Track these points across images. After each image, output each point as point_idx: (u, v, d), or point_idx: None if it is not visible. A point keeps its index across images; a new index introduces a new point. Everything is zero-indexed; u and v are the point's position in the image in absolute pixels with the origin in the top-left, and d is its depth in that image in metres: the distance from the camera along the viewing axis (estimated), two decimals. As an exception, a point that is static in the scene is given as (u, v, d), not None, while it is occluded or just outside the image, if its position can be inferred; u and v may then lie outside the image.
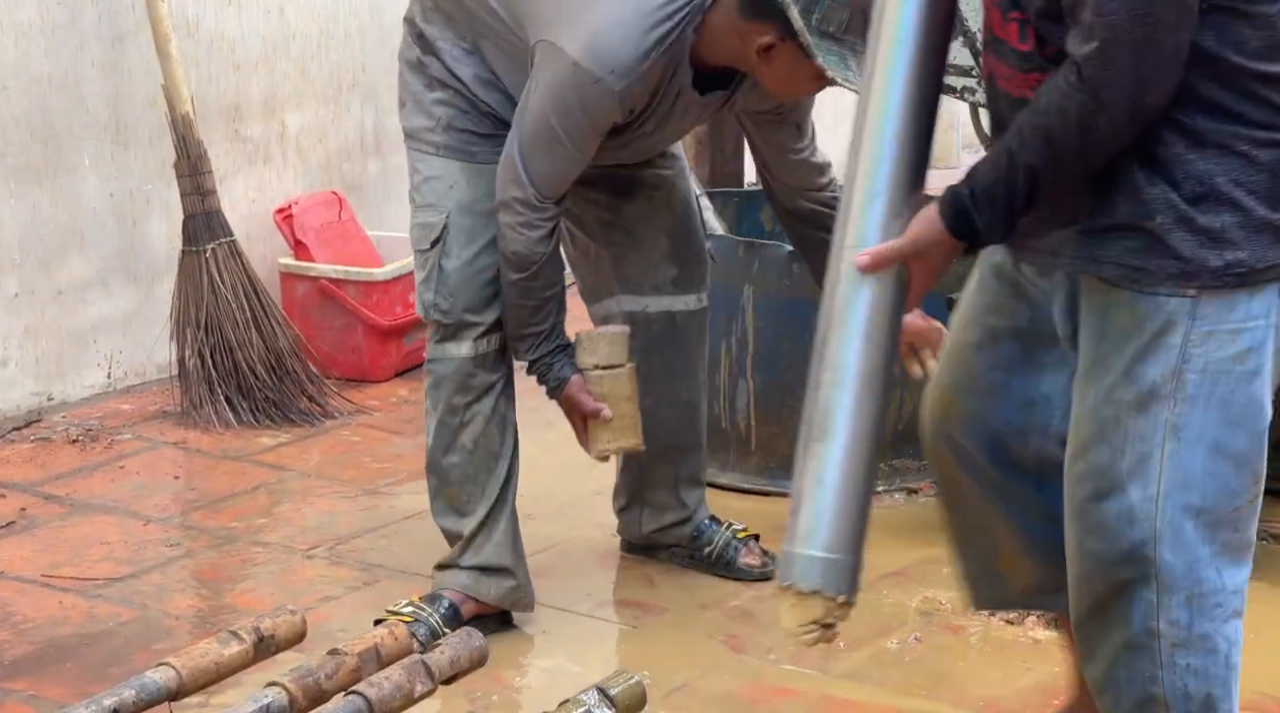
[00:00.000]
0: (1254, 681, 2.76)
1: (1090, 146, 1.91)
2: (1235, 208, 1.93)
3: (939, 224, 1.98)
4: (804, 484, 2.00)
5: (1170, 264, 1.93)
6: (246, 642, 2.30)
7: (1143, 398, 1.97)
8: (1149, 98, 1.87)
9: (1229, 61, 1.90)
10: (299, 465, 3.82)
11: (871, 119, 2.06)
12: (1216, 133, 1.92)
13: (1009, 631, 2.99)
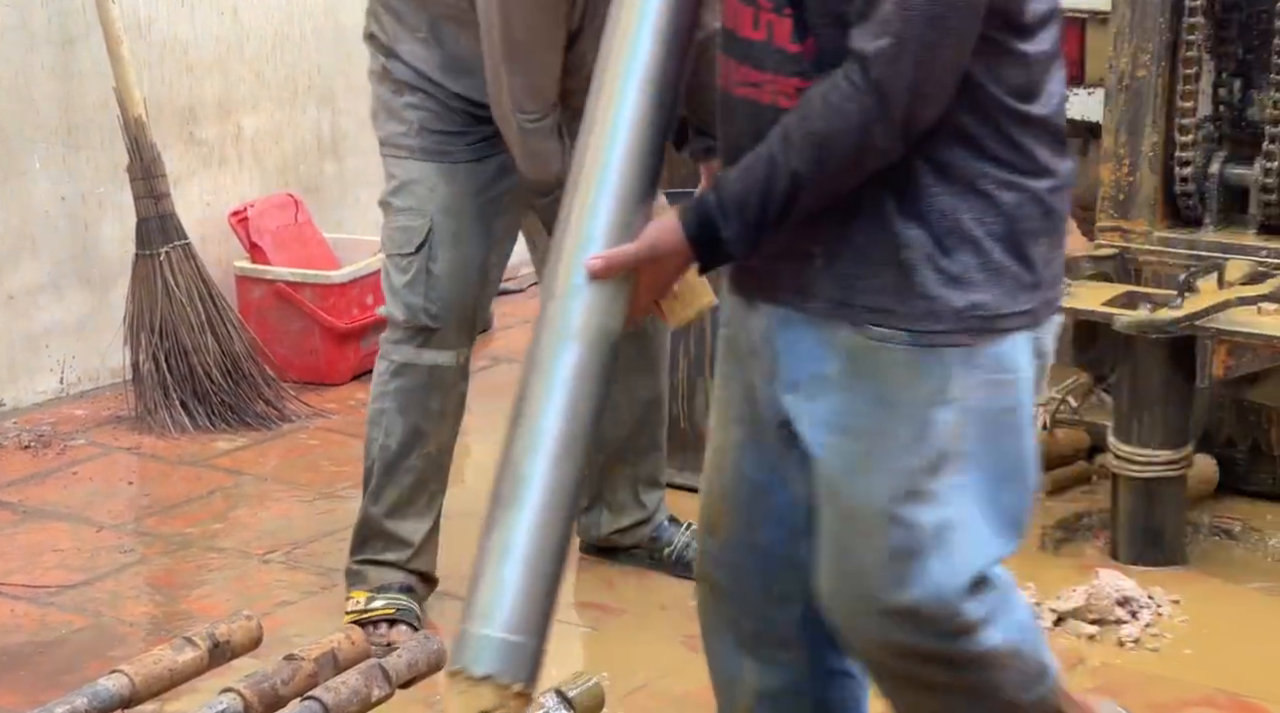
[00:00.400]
0: (1207, 675, 2.79)
1: (864, 156, 1.75)
2: (976, 249, 1.80)
3: (679, 232, 1.78)
4: (486, 557, 1.77)
5: (919, 304, 1.79)
6: (201, 648, 2.28)
7: (934, 461, 1.80)
8: (925, 109, 1.74)
9: (988, 92, 1.79)
10: (255, 470, 3.79)
11: (602, 115, 1.83)
12: (965, 168, 1.80)
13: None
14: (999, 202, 1.81)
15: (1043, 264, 1.84)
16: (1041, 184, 1.84)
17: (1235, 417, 3.52)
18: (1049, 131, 1.84)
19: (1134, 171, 3.49)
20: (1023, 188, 1.82)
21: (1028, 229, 1.82)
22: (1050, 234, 1.86)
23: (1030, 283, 1.83)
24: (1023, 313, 1.83)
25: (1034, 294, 1.83)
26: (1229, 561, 3.29)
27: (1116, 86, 3.46)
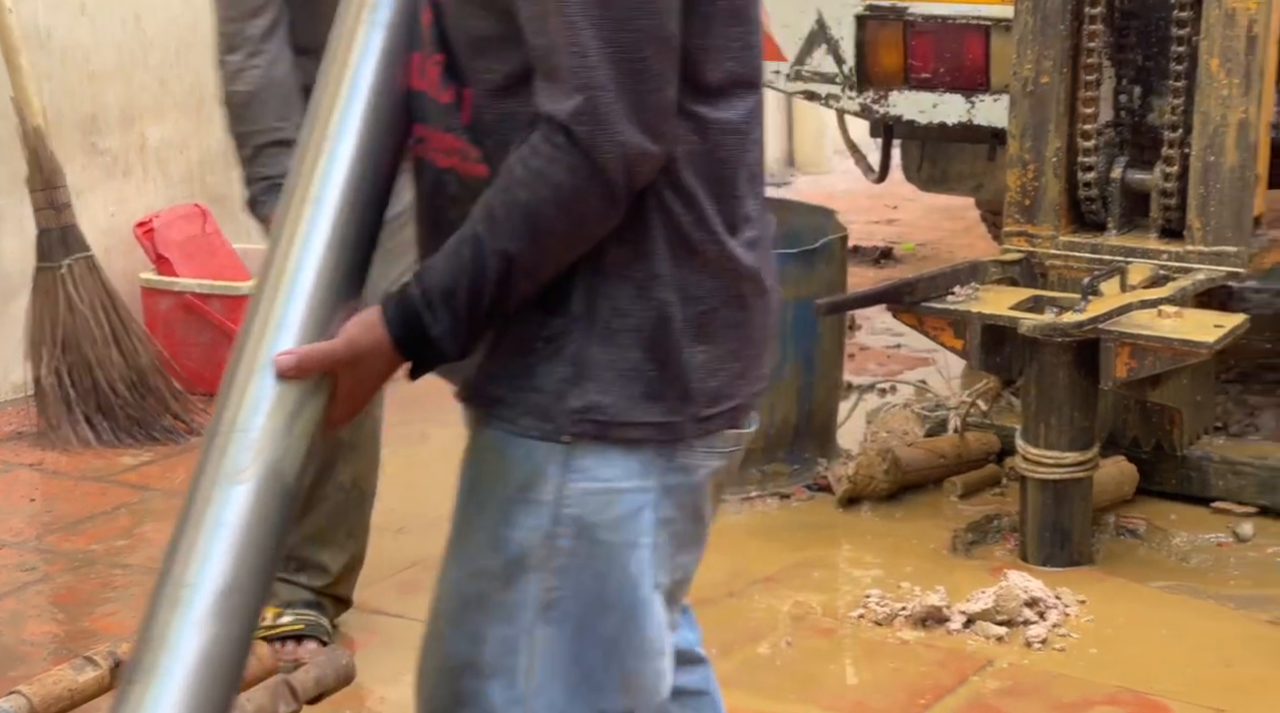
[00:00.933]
0: (1111, 674, 2.83)
1: (582, 226, 1.52)
2: (610, 344, 1.55)
3: (380, 330, 1.55)
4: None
5: (530, 397, 1.56)
6: (103, 667, 2.25)
7: (510, 568, 1.56)
8: (643, 164, 1.50)
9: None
10: (163, 485, 3.73)
11: (298, 201, 1.59)
12: (616, 252, 1.55)
13: (877, 632, 3.02)
14: (650, 294, 1.55)
15: (700, 374, 1.56)
16: (711, 281, 1.57)
17: (1140, 418, 3.57)
18: (728, 219, 1.57)
19: (1039, 177, 3.53)
20: (683, 283, 1.56)
21: (683, 330, 1.56)
22: (718, 341, 1.57)
23: (674, 393, 1.56)
24: (655, 425, 1.55)
25: (677, 406, 1.56)
26: (1134, 560, 3.34)
27: (1020, 93, 3.51)
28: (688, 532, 1.61)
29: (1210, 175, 3.34)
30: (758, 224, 1.62)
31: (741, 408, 1.62)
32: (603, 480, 1.56)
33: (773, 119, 7.05)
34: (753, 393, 1.64)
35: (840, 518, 3.57)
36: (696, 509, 1.62)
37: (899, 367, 4.55)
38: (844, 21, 3.93)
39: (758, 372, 1.65)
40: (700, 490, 1.61)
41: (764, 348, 1.65)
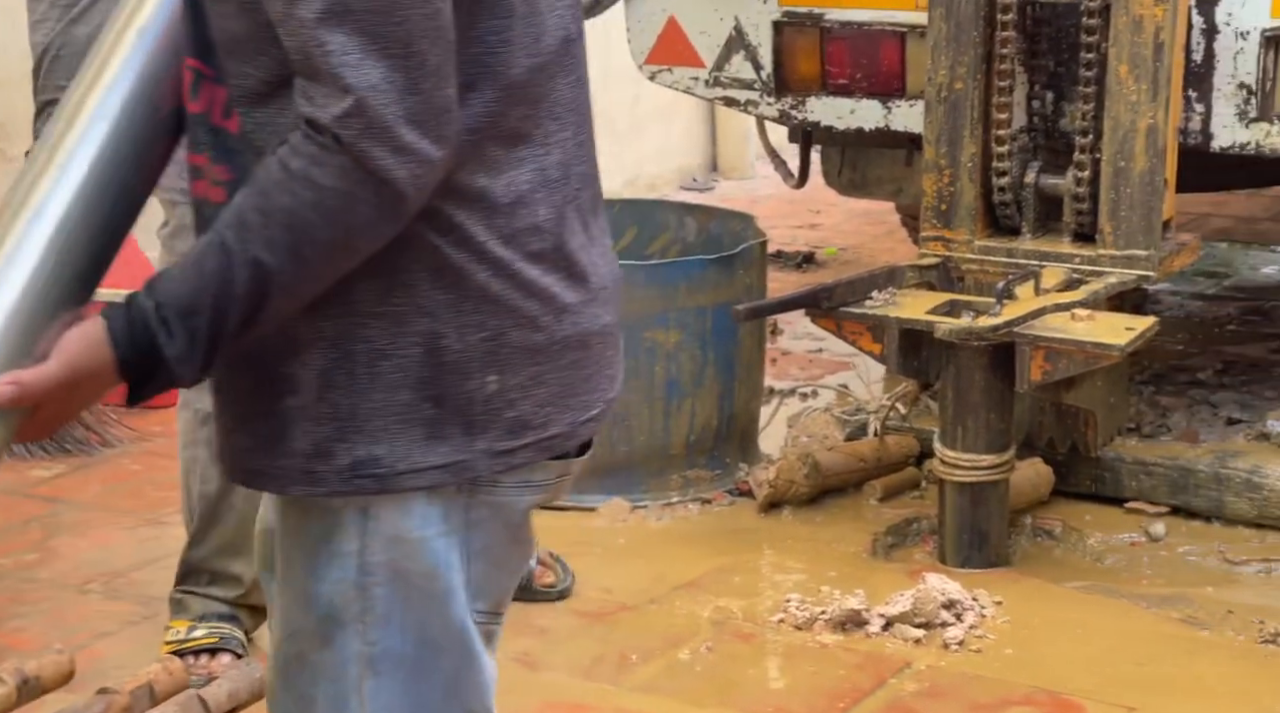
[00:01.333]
0: (1027, 674, 2.86)
1: (351, 238, 1.35)
2: (374, 388, 1.41)
3: (105, 349, 1.36)
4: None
5: (291, 463, 1.43)
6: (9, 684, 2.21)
7: (325, 625, 1.47)
8: (426, 170, 1.35)
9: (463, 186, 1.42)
10: (75, 497, 3.67)
11: (24, 189, 1.44)
12: (367, 284, 1.40)
13: (797, 636, 3.03)
14: (412, 328, 1.41)
15: (494, 405, 1.44)
16: (489, 305, 1.43)
17: (1055, 420, 3.62)
18: (503, 233, 1.44)
19: (954, 182, 3.57)
20: (453, 310, 1.42)
21: (462, 361, 1.43)
22: (513, 367, 1.45)
23: (459, 430, 1.43)
24: (442, 467, 1.43)
25: (465, 443, 1.43)
26: (1050, 561, 3.37)
27: (935, 99, 3.54)
28: (505, 555, 1.52)
29: (1120, 180, 3.39)
30: (554, 233, 1.47)
31: (561, 436, 1.48)
32: (404, 529, 1.45)
33: (696, 124, 7.07)
34: (580, 421, 1.50)
35: (761, 523, 3.58)
36: (514, 536, 1.52)
37: (820, 371, 4.57)
38: (761, 28, 3.95)
39: (583, 396, 1.50)
40: (515, 521, 1.51)
41: (588, 370, 1.50)
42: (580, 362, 1.50)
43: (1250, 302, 4.98)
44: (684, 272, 3.65)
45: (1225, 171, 4.23)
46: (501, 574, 1.54)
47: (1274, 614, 3.02)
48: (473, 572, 1.49)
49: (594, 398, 1.53)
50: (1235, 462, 3.44)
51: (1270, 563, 3.27)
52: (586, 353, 1.51)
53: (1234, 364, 4.31)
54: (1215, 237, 5.76)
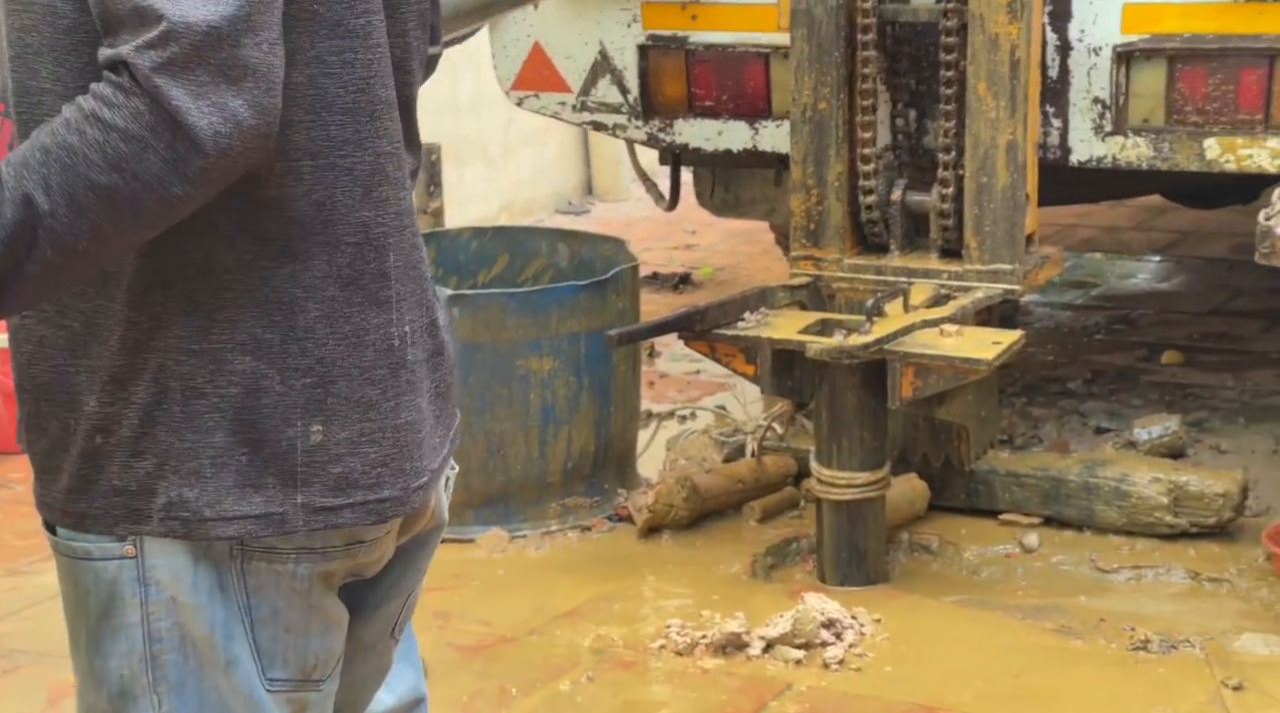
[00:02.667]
0: (906, 690, 2.86)
1: (138, 191, 1.23)
2: (189, 428, 1.35)
3: None
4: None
5: (94, 502, 1.36)
6: None
7: (117, 702, 1.42)
8: (239, 135, 1.23)
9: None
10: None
11: None
12: (186, 321, 1.34)
13: (678, 662, 3.01)
14: (232, 367, 1.34)
15: (318, 457, 1.37)
16: (319, 350, 1.36)
17: (929, 435, 3.64)
18: (343, 273, 1.36)
19: (822, 202, 3.58)
20: (279, 351, 1.35)
21: (284, 407, 1.35)
22: (342, 420, 1.37)
23: (275, 480, 1.36)
24: (254, 518, 1.36)
25: (280, 495, 1.36)
26: (928, 576, 3.39)
27: (800, 119, 3.55)
28: (302, 621, 1.43)
29: (983, 196, 3.43)
30: (401, 281, 1.39)
31: (393, 501, 1.41)
32: (182, 595, 1.39)
33: (569, 147, 7.05)
34: (413, 487, 1.42)
35: (641, 548, 3.56)
36: (308, 603, 1.43)
37: (699, 393, 4.57)
38: (627, 51, 3.94)
39: (416, 461, 1.42)
40: (303, 588, 1.42)
41: (422, 433, 1.42)
42: (415, 424, 1.42)
43: (1117, 311, 5.08)
44: (556, 298, 3.63)
45: (1085, 185, 4.31)
46: (303, 640, 1.45)
47: (1143, 621, 3.07)
48: (260, 639, 1.42)
49: (425, 463, 1.45)
50: (1104, 471, 3.49)
51: (1140, 570, 3.32)
52: (420, 415, 1.43)
53: (1102, 373, 4.39)
54: (1081, 247, 5.88)
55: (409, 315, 1.42)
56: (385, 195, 1.40)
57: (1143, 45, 3.45)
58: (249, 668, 1.42)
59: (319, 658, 1.47)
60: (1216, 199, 5.06)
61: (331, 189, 1.36)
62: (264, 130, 1.26)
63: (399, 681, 1.76)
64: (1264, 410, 3.95)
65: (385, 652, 1.63)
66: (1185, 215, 5.89)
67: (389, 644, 1.63)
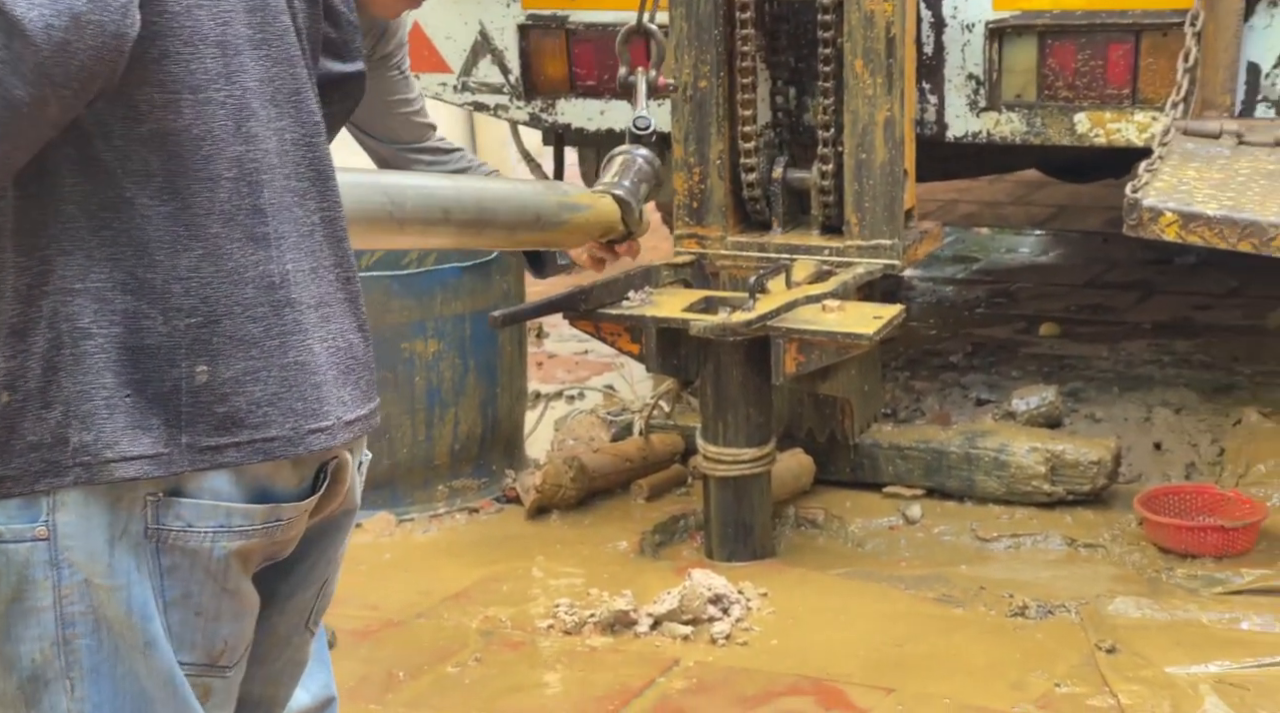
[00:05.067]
0: (792, 663, 2.89)
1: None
2: (79, 370, 1.34)
3: None
4: None
5: (13, 464, 1.36)
6: None
7: (28, 687, 1.40)
8: (86, 35, 1.23)
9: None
10: None
11: None
12: (66, 260, 1.33)
13: (566, 641, 3.02)
14: (113, 307, 1.34)
15: (203, 397, 1.37)
16: (203, 288, 1.36)
17: (814, 410, 3.68)
18: (222, 210, 1.37)
19: (704, 179, 3.60)
20: (159, 291, 1.35)
21: (168, 347, 1.36)
22: (226, 358, 1.37)
23: (161, 420, 1.36)
24: (147, 459, 1.36)
25: (167, 435, 1.36)
26: (814, 549, 3.43)
27: (681, 98, 3.56)
28: (213, 606, 1.43)
29: (862, 172, 3.46)
30: (279, 220, 1.40)
31: (281, 440, 1.40)
32: (97, 577, 1.38)
33: (454, 129, 7.00)
34: (306, 428, 1.41)
35: (530, 529, 3.56)
36: (221, 586, 1.43)
37: (587, 373, 4.57)
38: (507, 31, 3.92)
39: (311, 403, 1.41)
40: (217, 569, 1.42)
41: (318, 376, 1.42)
42: (307, 366, 1.42)
43: (997, 285, 5.17)
44: (439, 280, 3.60)
45: (964, 160, 4.37)
46: (214, 625, 1.45)
47: (1022, 588, 3.13)
48: (171, 621, 1.41)
49: (326, 409, 1.44)
50: (983, 441, 3.55)
51: (1019, 538, 3.39)
52: (313, 357, 1.43)
53: (983, 346, 4.47)
54: (962, 223, 5.97)
55: (290, 255, 1.41)
56: (255, 131, 1.39)
57: (1014, 22, 3.51)
58: (166, 650, 1.41)
59: (228, 643, 1.47)
60: (1091, 173, 5.17)
61: (210, 124, 1.36)
62: (108, 27, 1.24)
63: (312, 679, 1.75)
64: (1136, 380, 4.04)
65: (302, 645, 1.62)
66: (1063, 190, 6.00)
67: (305, 637, 1.62)
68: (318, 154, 1.47)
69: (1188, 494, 3.36)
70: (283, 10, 1.45)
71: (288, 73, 1.44)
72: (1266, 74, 3.30)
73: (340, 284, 1.48)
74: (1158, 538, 3.27)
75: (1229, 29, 3.23)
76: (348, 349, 1.48)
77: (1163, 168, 3.00)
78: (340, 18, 1.54)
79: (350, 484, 1.54)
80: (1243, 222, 2.80)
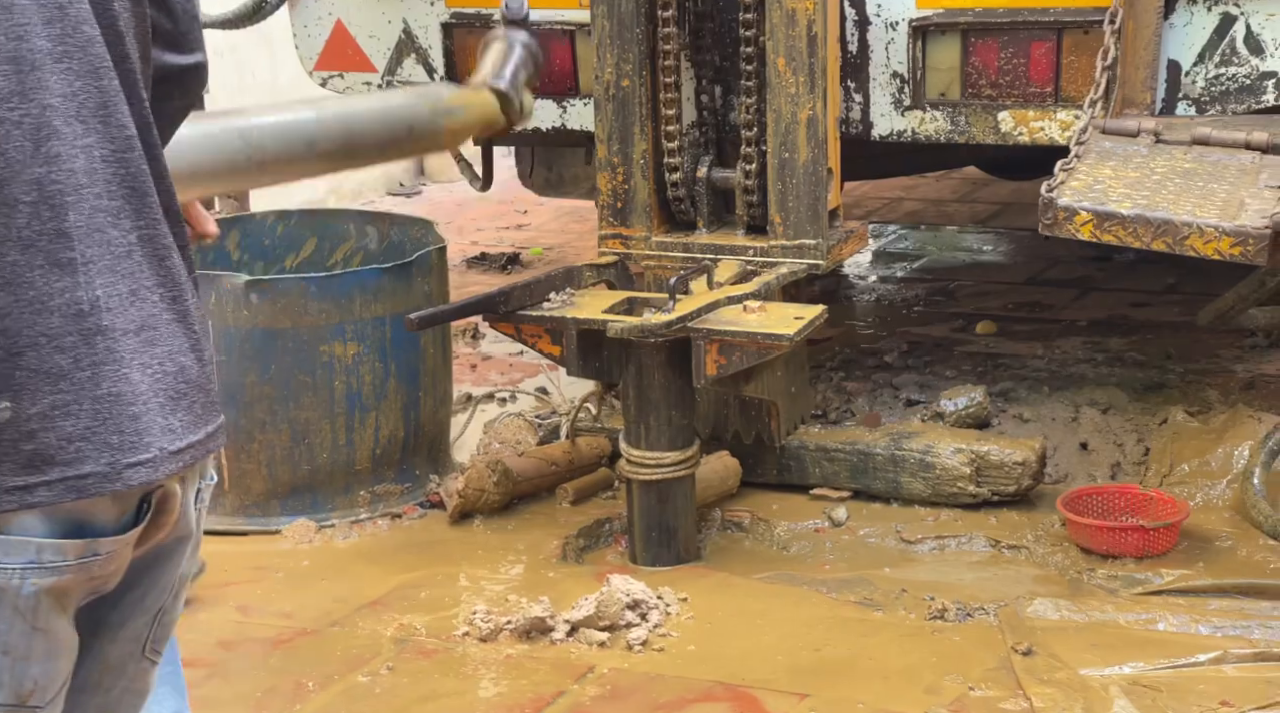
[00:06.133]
0: (708, 669, 2.86)
1: None
2: None
3: None
4: None
5: None
6: None
7: None
8: None
9: None
10: None
11: None
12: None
13: (481, 649, 2.97)
14: None
15: (9, 435, 1.33)
16: (20, 312, 1.33)
17: (740, 412, 3.65)
18: (19, 236, 1.33)
19: (628, 180, 3.56)
20: None
21: None
22: (31, 393, 1.33)
23: None
24: None
25: None
26: (740, 553, 3.40)
27: (604, 97, 3.52)
28: (23, 645, 1.39)
29: (786, 172, 3.43)
30: (87, 244, 1.35)
31: (96, 476, 1.35)
32: None
33: (401, 128, 6.94)
34: (125, 462, 1.36)
35: (452, 534, 3.52)
36: (32, 625, 1.38)
37: (521, 375, 4.53)
38: (431, 30, 3.88)
39: (129, 436, 1.37)
40: (27, 607, 1.37)
41: (136, 406, 1.37)
42: (124, 396, 1.37)
43: (937, 283, 5.15)
44: (358, 282, 3.55)
45: (894, 159, 4.35)
46: (23, 664, 1.39)
47: (943, 590, 3.10)
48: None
49: (147, 440, 1.38)
50: (909, 443, 3.52)
51: (943, 539, 3.36)
52: (130, 386, 1.37)
53: (919, 345, 4.44)
54: (905, 220, 5.95)
55: (101, 280, 1.37)
56: (58, 150, 1.35)
57: (937, 20, 3.48)
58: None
59: (38, 683, 1.41)
60: (1027, 171, 5.16)
61: (3, 145, 1.32)
62: None
63: (159, 704, 1.70)
64: (1068, 379, 4.02)
65: (140, 674, 1.56)
66: (1006, 188, 5.99)
67: (144, 666, 1.56)
68: (131, 170, 1.41)
69: (1110, 494, 3.34)
70: (86, 20, 1.39)
71: (93, 86, 1.39)
72: (1187, 72, 3.28)
73: (166, 304, 1.42)
74: (1080, 539, 3.25)
75: (1148, 27, 3.21)
76: (177, 372, 1.42)
77: (1079, 167, 2.98)
78: (175, 8, 1.49)
79: (180, 512, 1.47)
80: (1156, 221, 2.78)
